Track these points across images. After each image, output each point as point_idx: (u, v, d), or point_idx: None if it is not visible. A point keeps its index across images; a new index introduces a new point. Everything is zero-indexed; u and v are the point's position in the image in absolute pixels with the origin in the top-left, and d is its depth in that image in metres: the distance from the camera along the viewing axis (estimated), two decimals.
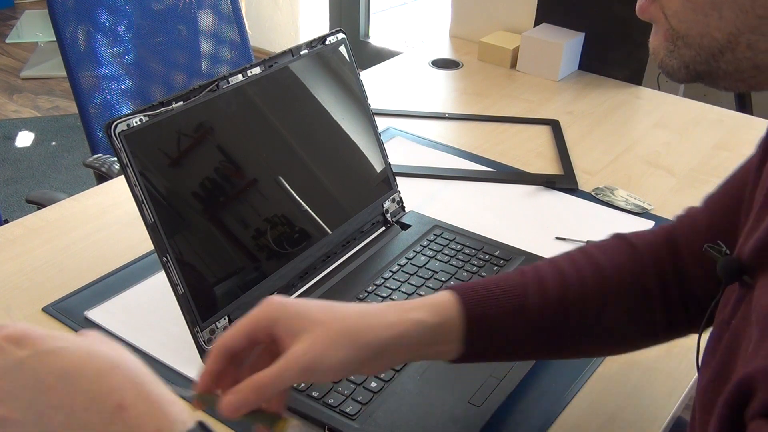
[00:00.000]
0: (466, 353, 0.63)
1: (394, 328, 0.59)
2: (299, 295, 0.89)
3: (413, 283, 0.91)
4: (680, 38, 0.44)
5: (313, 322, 0.57)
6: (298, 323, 0.57)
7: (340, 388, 0.76)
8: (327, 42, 0.91)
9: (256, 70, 0.84)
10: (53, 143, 2.95)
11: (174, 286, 0.74)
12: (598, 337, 0.68)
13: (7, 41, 3.80)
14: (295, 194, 0.89)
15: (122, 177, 0.74)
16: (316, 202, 0.91)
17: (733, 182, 0.67)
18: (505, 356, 0.69)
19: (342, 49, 0.94)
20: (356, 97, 0.97)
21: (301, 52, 0.88)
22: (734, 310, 0.51)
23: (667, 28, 0.45)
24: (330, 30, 0.94)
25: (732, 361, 0.48)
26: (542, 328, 0.66)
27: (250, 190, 0.85)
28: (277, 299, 0.58)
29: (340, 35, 0.94)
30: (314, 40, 0.90)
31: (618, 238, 0.72)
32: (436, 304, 0.63)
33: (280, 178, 0.88)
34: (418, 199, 1.11)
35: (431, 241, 0.99)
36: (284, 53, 0.86)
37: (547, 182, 1.18)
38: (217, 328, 0.79)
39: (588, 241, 1.01)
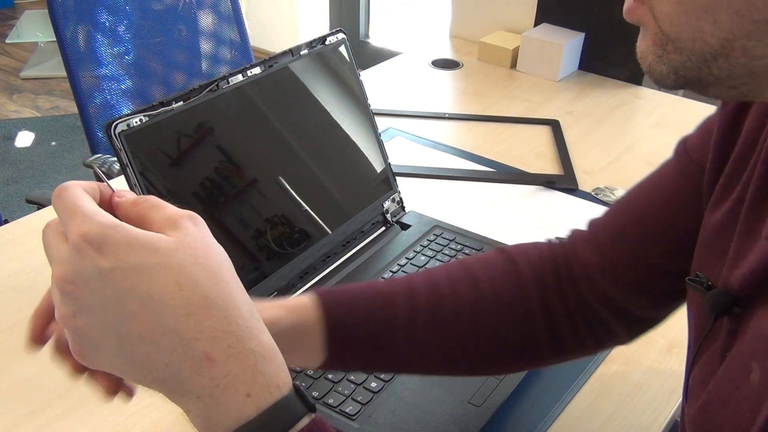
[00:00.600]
0: (328, 359, 0.60)
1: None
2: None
3: None
4: (670, 42, 0.42)
5: None
6: None
7: (340, 388, 0.76)
8: (327, 42, 0.91)
9: (256, 70, 0.84)
10: (53, 143, 2.95)
11: None
12: (475, 353, 0.65)
13: (7, 41, 3.80)
14: (295, 194, 0.89)
15: (122, 177, 0.74)
16: (316, 202, 0.91)
17: (640, 197, 0.65)
18: (371, 367, 0.66)
19: (342, 49, 0.94)
20: (356, 97, 0.97)
21: (301, 52, 0.88)
22: (728, 342, 0.49)
23: (657, 32, 0.43)
24: (330, 30, 0.94)
25: (736, 393, 0.46)
26: (412, 340, 0.62)
27: (250, 190, 0.85)
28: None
29: (340, 35, 0.94)
30: (314, 40, 0.90)
31: (499, 251, 0.69)
32: (295, 305, 0.59)
33: (280, 178, 0.87)
34: (418, 199, 1.11)
35: (431, 241, 0.99)
36: (284, 53, 0.86)
37: (547, 182, 1.18)
38: None
39: None
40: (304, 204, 0.90)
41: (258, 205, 0.86)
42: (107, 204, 0.44)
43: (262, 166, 0.86)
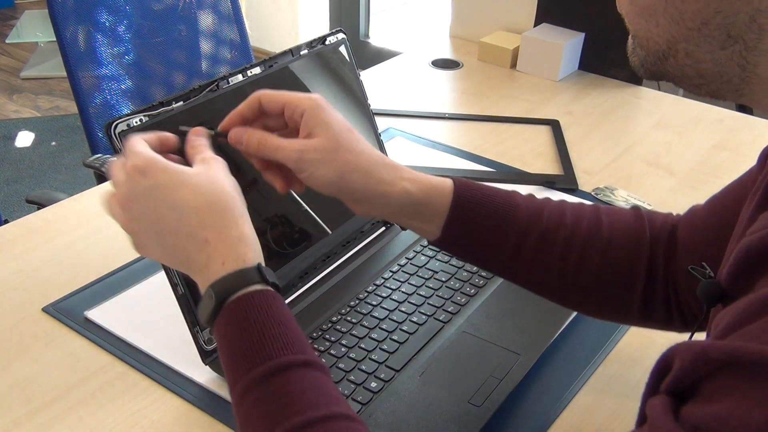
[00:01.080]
0: (440, 240, 0.68)
1: (381, 186, 0.65)
2: (299, 296, 0.89)
3: (413, 283, 0.91)
4: (634, 37, 0.46)
5: (328, 137, 0.63)
6: (318, 129, 0.63)
7: (340, 388, 0.76)
8: (327, 42, 0.91)
9: (256, 70, 0.84)
10: (53, 143, 2.95)
11: (174, 286, 0.74)
12: (572, 284, 0.69)
13: (7, 41, 3.80)
14: (294, 194, 0.89)
15: None
16: (316, 202, 0.91)
17: (730, 192, 0.67)
18: (474, 260, 0.72)
19: (342, 49, 0.94)
20: (356, 98, 0.97)
21: (301, 52, 0.88)
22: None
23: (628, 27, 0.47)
24: (330, 30, 0.94)
25: None
26: (520, 249, 0.68)
27: (250, 190, 0.85)
28: (323, 102, 0.65)
29: (340, 35, 0.93)
30: (314, 40, 0.90)
31: (634, 208, 0.72)
32: (431, 185, 0.67)
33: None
34: None
35: None
36: (284, 53, 0.86)
37: (547, 182, 1.18)
38: None
39: None
40: (304, 204, 0.90)
41: (258, 205, 0.86)
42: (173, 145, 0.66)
43: None
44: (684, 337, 0.70)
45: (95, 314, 0.87)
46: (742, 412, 0.34)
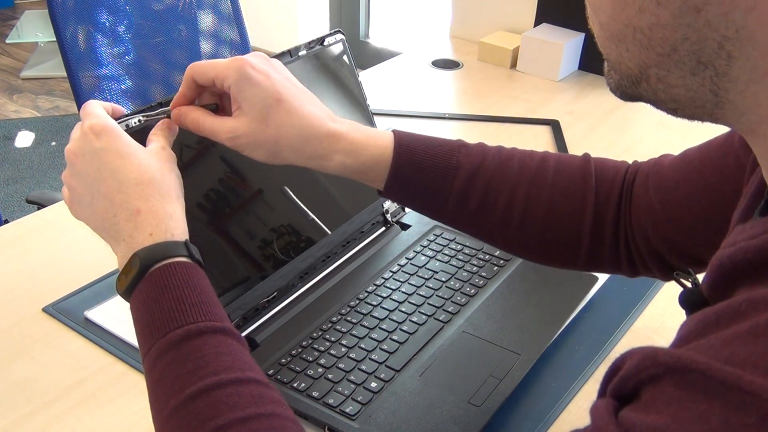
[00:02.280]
0: (385, 191, 0.69)
1: (315, 160, 0.66)
2: (299, 296, 0.89)
3: (413, 283, 0.91)
4: (607, 61, 0.45)
5: (254, 116, 0.63)
6: (246, 104, 0.63)
7: (340, 389, 0.76)
8: (325, 43, 0.91)
9: None
10: (53, 143, 2.95)
11: None
12: (517, 228, 0.69)
13: (7, 41, 3.80)
14: (295, 195, 0.89)
15: None
16: (316, 203, 0.91)
17: (704, 156, 0.67)
18: (421, 210, 0.72)
19: (340, 49, 0.94)
20: (355, 98, 0.97)
21: (300, 53, 0.88)
22: None
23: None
24: (330, 30, 0.94)
25: None
26: (462, 208, 0.69)
27: (249, 191, 0.85)
28: (248, 70, 0.63)
29: (339, 36, 0.93)
30: (313, 41, 0.90)
31: (584, 155, 0.73)
32: (369, 156, 0.67)
33: (280, 178, 0.87)
34: None
35: (431, 242, 0.99)
36: (282, 54, 0.86)
37: None
38: None
39: None
40: (304, 204, 0.90)
41: (258, 206, 0.86)
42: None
43: (261, 166, 0.86)
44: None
45: (95, 314, 0.87)
46: (679, 426, 0.33)
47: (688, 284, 0.53)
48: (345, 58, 0.95)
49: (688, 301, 0.50)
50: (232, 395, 0.51)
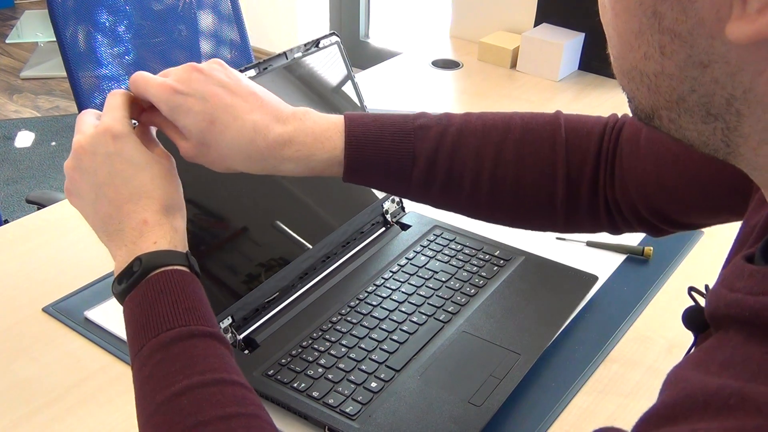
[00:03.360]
0: (345, 178, 0.67)
1: (266, 169, 0.65)
2: (299, 296, 0.89)
3: (413, 283, 0.91)
4: (624, 89, 0.44)
5: (194, 143, 0.63)
6: (186, 131, 0.62)
7: (340, 389, 0.76)
8: (321, 45, 0.91)
9: (251, 73, 0.84)
10: (53, 143, 2.95)
11: None
12: (490, 191, 0.67)
13: (7, 41, 3.80)
14: (295, 195, 0.89)
15: None
16: (316, 203, 0.91)
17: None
18: (385, 190, 0.73)
19: (336, 51, 0.94)
20: (351, 100, 0.97)
21: (295, 55, 0.88)
22: None
23: None
24: (330, 30, 0.94)
25: None
26: (425, 193, 0.68)
27: (249, 191, 0.85)
28: (177, 99, 0.62)
29: (334, 38, 0.93)
30: (308, 43, 0.90)
31: (557, 111, 0.70)
32: (318, 162, 0.65)
33: (280, 179, 0.87)
34: None
35: (431, 242, 0.99)
36: (278, 56, 0.86)
37: None
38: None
39: (588, 242, 1.02)
40: (304, 205, 0.90)
41: (258, 206, 0.86)
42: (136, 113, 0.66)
43: None
44: (678, 350, 0.70)
45: (95, 314, 0.87)
46: None
47: (701, 301, 0.51)
48: (341, 59, 0.95)
49: (691, 320, 0.49)
50: (216, 394, 0.53)
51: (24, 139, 2.99)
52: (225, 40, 1.74)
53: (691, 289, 0.54)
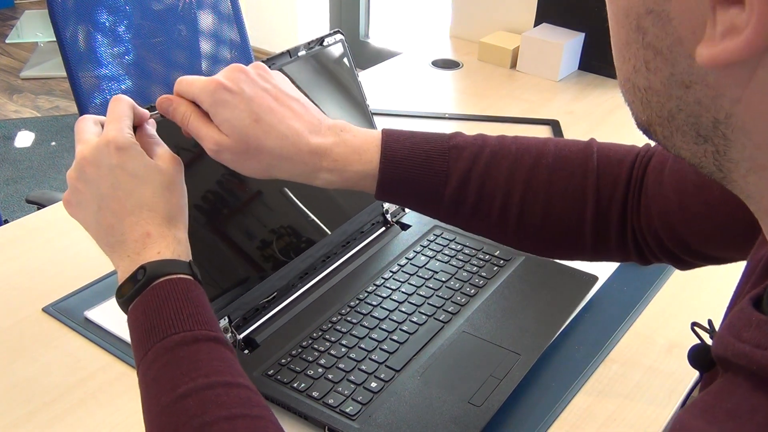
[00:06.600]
0: (378, 196, 0.68)
1: (301, 177, 0.65)
2: (299, 296, 0.89)
3: (413, 283, 0.91)
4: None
5: (235, 140, 0.62)
6: (224, 128, 0.62)
7: (340, 389, 0.76)
8: (325, 43, 0.91)
9: None
10: (53, 143, 2.95)
11: None
12: (519, 218, 0.67)
13: (7, 41, 3.80)
14: (294, 195, 0.89)
15: None
16: (316, 203, 0.91)
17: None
18: (417, 210, 0.72)
19: (340, 50, 0.94)
20: (355, 98, 0.97)
21: (299, 54, 0.88)
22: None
23: None
24: (330, 30, 0.94)
25: None
26: (455, 213, 0.68)
27: (249, 191, 0.85)
28: (221, 95, 0.62)
29: (338, 36, 0.93)
30: (312, 41, 0.90)
31: (591, 140, 0.70)
32: (354, 172, 0.65)
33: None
34: None
35: (431, 242, 0.99)
36: (282, 54, 0.86)
37: None
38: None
39: None
40: (304, 204, 0.90)
41: (258, 206, 0.86)
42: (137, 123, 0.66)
43: None
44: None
45: (95, 314, 0.87)
46: None
47: (706, 337, 0.51)
48: (344, 58, 0.95)
49: (696, 358, 0.49)
50: (221, 395, 0.54)
51: (24, 139, 2.99)
52: (225, 40, 1.74)
53: (694, 324, 0.54)
